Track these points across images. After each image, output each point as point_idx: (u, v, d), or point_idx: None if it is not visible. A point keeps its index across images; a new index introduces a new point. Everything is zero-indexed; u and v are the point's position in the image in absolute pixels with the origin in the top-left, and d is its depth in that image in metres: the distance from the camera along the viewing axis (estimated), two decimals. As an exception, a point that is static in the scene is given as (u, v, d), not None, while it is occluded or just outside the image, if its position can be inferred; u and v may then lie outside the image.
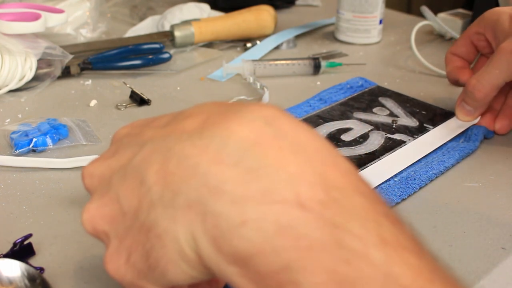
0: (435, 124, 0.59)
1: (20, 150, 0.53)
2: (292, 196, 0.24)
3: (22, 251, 0.40)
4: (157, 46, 0.74)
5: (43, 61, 0.67)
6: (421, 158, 0.53)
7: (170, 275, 0.27)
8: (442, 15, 0.89)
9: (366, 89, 0.67)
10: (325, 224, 0.24)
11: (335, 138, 0.56)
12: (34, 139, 0.54)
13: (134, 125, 0.33)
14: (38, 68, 0.67)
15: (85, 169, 0.32)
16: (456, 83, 0.61)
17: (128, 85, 0.67)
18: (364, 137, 0.56)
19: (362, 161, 0.52)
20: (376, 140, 0.55)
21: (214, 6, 0.90)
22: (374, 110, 0.62)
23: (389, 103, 0.63)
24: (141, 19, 0.90)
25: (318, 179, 0.25)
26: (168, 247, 0.26)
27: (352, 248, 0.23)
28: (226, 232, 0.24)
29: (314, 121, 0.59)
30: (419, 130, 0.58)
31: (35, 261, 0.40)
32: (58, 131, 0.55)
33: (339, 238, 0.24)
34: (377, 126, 0.58)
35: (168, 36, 0.79)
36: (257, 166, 0.25)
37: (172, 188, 0.26)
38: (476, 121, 0.58)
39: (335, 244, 0.23)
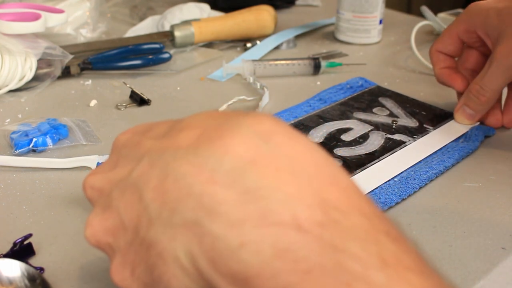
0: (435, 125, 0.59)
1: (20, 150, 0.53)
2: (290, 218, 0.24)
3: (22, 251, 0.40)
4: (157, 46, 0.74)
5: (43, 61, 0.67)
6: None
7: None
8: (442, 15, 0.89)
9: (366, 89, 0.67)
10: (324, 246, 0.23)
11: (335, 138, 0.56)
12: (34, 139, 0.54)
13: (133, 131, 0.33)
14: (38, 68, 0.67)
15: (86, 180, 0.32)
16: (444, 84, 0.61)
17: (128, 85, 0.67)
18: (364, 137, 0.56)
19: (362, 161, 0.52)
20: (376, 141, 0.55)
21: (214, 6, 0.90)
22: (374, 110, 0.62)
23: (389, 103, 0.63)
24: (141, 19, 0.90)
25: (317, 199, 0.25)
26: (169, 264, 0.26)
27: (352, 270, 0.23)
28: (223, 255, 0.24)
29: (314, 120, 0.59)
30: (419, 131, 0.58)
31: (35, 261, 0.40)
32: (58, 131, 0.55)
33: (339, 260, 0.23)
34: (377, 126, 0.58)
35: (168, 36, 0.79)
36: (254, 187, 0.25)
37: (169, 206, 0.26)
38: (476, 124, 0.58)
39: (334, 267, 0.23)
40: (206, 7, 0.88)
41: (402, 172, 0.51)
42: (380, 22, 0.84)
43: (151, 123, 0.33)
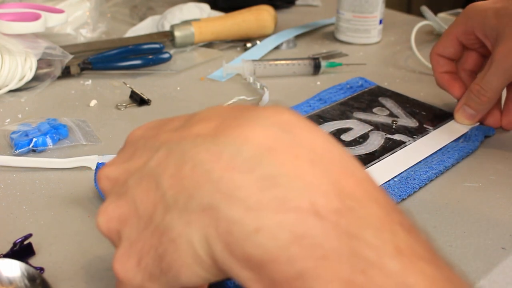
0: (435, 125, 0.59)
1: (20, 150, 0.53)
2: (308, 205, 0.24)
3: (22, 251, 0.40)
4: (157, 46, 0.74)
5: (43, 61, 0.67)
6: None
7: (183, 278, 0.27)
8: (442, 15, 0.89)
9: (366, 89, 0.67)
10: (340, 233, 0.24)
11: (335, 138, 0.55)
12: (34, 139, 0.54)
13: (147, 127, 0.33)
14: (38, 68, 0.67)
15: (101, 171, 0.32)
16: (443, 89, 0.62)
17: (128, 85, 0.67)
18: (364, 137, 0.56)
19: (362, 162, 0.52)
20: (376, 141, 0.55)
21: (214, 6, 0.90)
22: (374, 110, 0.62)
23: (389, 103, 0.63)
24: (141, 19, 0.90)
25: (334, 188, 0.25)
26: (182, 250, 0.26)
27: (367, 257, 0.23)
28: (239, 239, 0.25)
29: (314, 120, 0.59)
30: (419, 131, 0.58)
31: (35, 261, 0.40)
32: (58, 131, 0.55)
33: (354, 247, 0.24)
34: (377, 126, 0.58)
35: (168, 36, 0.79)
36: (273, 174, 0.25)
37: (186, 192, 0.26)
38: (476, 124, 0.59)
39: (350, 254, 0.23)
40: (206, 7, 0.88)
41: (402, 172, 0.51)
42: (380, 22, 0.84)
43: (165, 118, 0.33)
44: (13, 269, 0.35)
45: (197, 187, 0.26)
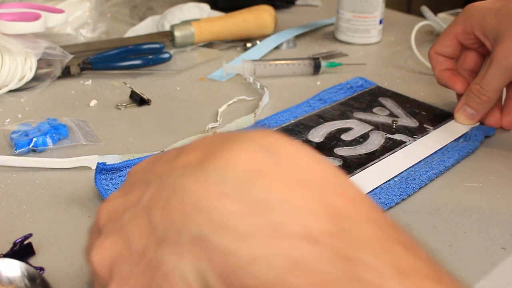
0: (435, 125, 0.59)
1: (20, 150, 0.53)
2: (301, 230, 0.24)
3: (22, 251, 0.40)
4: (157, 46, 0.74)
5: (43, 61, 0.67)
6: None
7: None
8: (442, 15, 0.89)
9: (366, 89, 0.67)
10: (338, 257, 0.23)
11: (335, 138, 0.56)
12: (34, 139, 0.54)
13: (146, 161, 0.33)
14: (38, 68, 0.67)
15: (101, 206, 0.31)
16: (445, 86, 0.62)
17: (128, 85, 0.67)
18: (364, 137, 0.56)
19: (362, 161, 0.52)
20: (376, 140, 0.55)
21: (214, 6, 0.90)
22: (374, 110, 0.62)
23: (389, 103, 0.63)
24: (141, 19, 0.90)
25: (326, 209, 0.24)
26: (175, 285, 0.25)
27: (367, 281, 0.23)
28: (235, 270, 0.24)
29: (314, 120, 0.59)
30: (419, 131, 0.58)
31: (35, 261, 0.40)
32: (58, 131, 0.55)
33: (353, 271, 0.23)
34: (377, 126, 0.58)
35: (168, 36, 0.79)
36: (262, 199, 0.24)
37: (176, 224, 0.26)
38: (476, 124, 0.59)
39: (349, 278, 0.23)
40: (206, 7, 0.88)
41: (402, 172, 0.51)
42: (380, 22, 0.84)
43: (164, 152, 0.32)
44: (13, 269, 0.35)
45: (186, 218, 0.25)
